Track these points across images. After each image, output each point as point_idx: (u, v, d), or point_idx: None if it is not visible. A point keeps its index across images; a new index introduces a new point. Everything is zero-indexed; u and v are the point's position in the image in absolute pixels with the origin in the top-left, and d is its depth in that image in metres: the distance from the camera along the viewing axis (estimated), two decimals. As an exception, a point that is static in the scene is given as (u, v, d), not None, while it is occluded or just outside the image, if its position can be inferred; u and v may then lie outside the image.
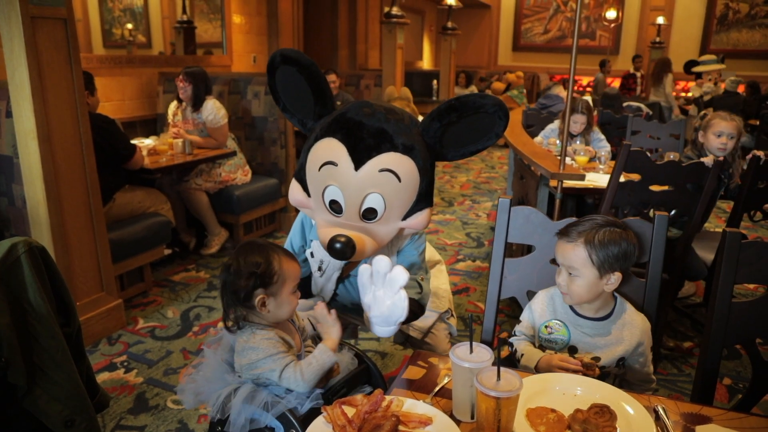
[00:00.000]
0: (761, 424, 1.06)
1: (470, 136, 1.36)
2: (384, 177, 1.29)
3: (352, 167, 1.28)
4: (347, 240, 1.29)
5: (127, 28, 4.61)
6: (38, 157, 2.20)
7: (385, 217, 1.34)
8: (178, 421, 2.02)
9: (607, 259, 1.25)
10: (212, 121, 3.53)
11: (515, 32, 10.45)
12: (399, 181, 1.30)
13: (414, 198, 1.36)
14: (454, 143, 1.38)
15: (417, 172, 1.33)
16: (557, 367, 1.24)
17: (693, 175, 2.27)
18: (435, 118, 1.33)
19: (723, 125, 2.59)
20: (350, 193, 1.31)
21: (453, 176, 6.31)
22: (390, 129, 1.30)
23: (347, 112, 1.33)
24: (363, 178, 1.29)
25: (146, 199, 3.10)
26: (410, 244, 1.53)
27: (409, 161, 1.31)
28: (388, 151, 1.29)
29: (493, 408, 0.92)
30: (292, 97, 1.40)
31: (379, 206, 1.32)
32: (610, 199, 2.31)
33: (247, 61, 5.36)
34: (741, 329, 1.31)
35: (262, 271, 1.21)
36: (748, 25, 9.19)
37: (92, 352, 2.46)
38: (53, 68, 2.21)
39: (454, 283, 3.30)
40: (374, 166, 1.28)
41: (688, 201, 2.31)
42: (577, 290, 1.28)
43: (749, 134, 6.36)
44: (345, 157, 1.28)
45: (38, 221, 2.29)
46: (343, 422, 0.95)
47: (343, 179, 1.30)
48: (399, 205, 1.35)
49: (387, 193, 1.31)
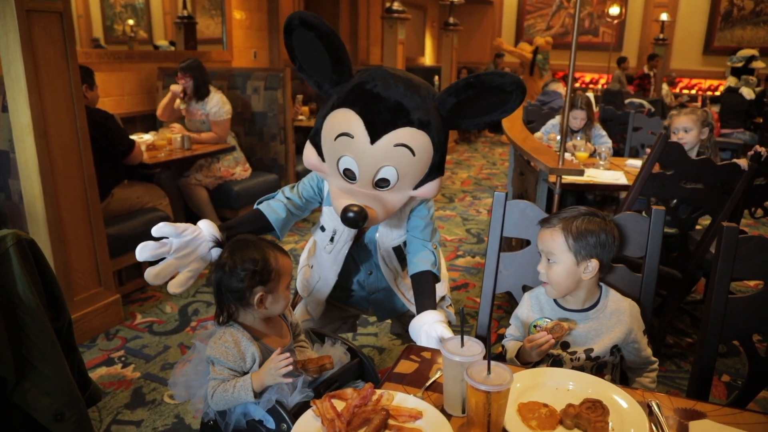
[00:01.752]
0: (755, 419, 1.05)
1: (485, 110, 1.37)
2: (399, 151, 1.31)
3: (368, 140, 1.30)
4: (360, 210, 1.32)
5: (129, 24, 4.60)
6: (34, 151, 2.20)
7: (397, 186, 1.37)
8: (175, 416, 2.02)
9: (584, 245, 1.25)
10: (216, 113, 3.53)
11: (518, 28, 10.41)
12: (413, 156, 1.32)
13: (426, 170, 1.38)
14: (468, 116, 1.39)
15: (431, 146, 1.35)
16: (531, 349, 1.24)
17: (726, 175, 2.24)
18: (452, 94, 1.33)
19: (677, 121, 2.59)
20: (365, 164, 1.33)
21: (454, 172, 6.30)
22: (407, 104, 1.31)
23: (365, 83, 1.33)
24: (378, 151, 1.31)
25: (145, 194, 3.10)
26: (420, 208, 1.55)
27: (424, 136, 1.32)
28: (404, 126, 1.30)
29: (483, 402, 0.91)
30: (309, 59, 1.38)
31: (392, 177, 1.35)
32: (639, 188, 2.27)
33: (248, 56, 5.35)
34: (737, 325, 1.30)
35: (260, 268, 1.20)
36: (752, 22, 9.13)
37: (90, 347, 2.46)
38: (49, 62, 2.20)
39: (453, 279, 3.29)
40: (390, 140, 1.30)
41: (716, 201, 2.28)
42: (556, 277, 1.28)
43: (752, 132, 6.33)
44: (361, 130, 1.30)
45: (35, 216, 2.29)
46: (332, 416, 0.94)
47: (358, 151, 1.32)
48: (411, 177, 1.38)
49: (401, 166, 1.34)
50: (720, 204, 2.27)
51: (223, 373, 1.18)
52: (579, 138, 3.54)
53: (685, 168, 2.25)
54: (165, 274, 1.34)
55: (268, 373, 1.15)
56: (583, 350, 1.29)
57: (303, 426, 0.95)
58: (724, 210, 2.26)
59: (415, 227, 1.56)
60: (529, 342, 1.24)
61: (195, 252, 1.37)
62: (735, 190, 2.24)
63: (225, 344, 1.20)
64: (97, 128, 2.66)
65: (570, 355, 1.30)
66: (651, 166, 2.25)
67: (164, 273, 1.34)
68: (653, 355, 1.38)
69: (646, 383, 1.37)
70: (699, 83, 9.39)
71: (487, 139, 8.78)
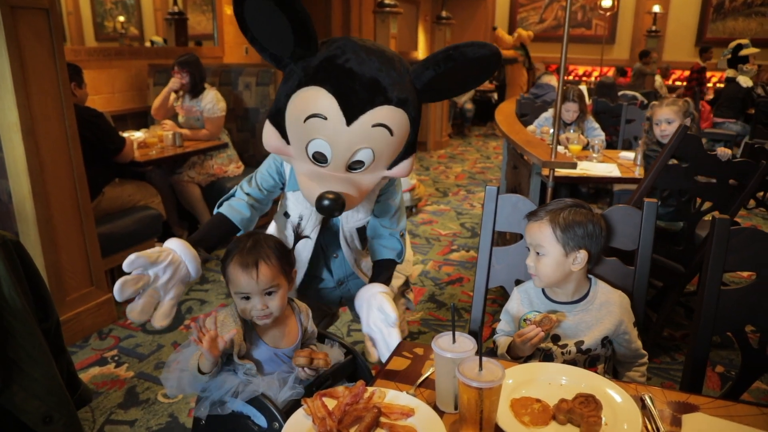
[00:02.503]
0: (747, 411, 1.05)
1: (462, 82, 1.32)
2: (377, 132, 1.24)
3: (343, 122, 1.21)
4: (337, 197, 1.24)
5: (119, 21, 4.56)
6: (23, 150, 2.17)
7: (371, 167, 1.31)
8: (169, 415, 2.01)
9: (572, 236, 1.25)
10: (210, 110, 3.51)
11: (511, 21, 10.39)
12: (391, 135, 1.26)
13: (402, 149, 1.32)
14: (444, 89, 1.33)
15: (408, 124, 1.29)
16: (521, 343, 1.23)
17: (740, 171, 2.24)
18: (430, 67, 1.26)
19: (659, 112, 2.58)
20: (339, 147, 1.25)
21: (448, 167, 6.29)
22: (384, 80, 1.22)
23: (336, 57, 1.23)
24: (355, 133, 1.22)
25: (136, 192, 3.08)
26: (390, 191, 1.51)
27: (402, 114, 1.26)
28: (381, 105, 1.22)
29: (475, 399, 0.90)
30: (265, 31, 1.24)
31: (367, 159, 1.28)
32: (653, 179, 2.26)
33: (239, 52, 5.31)
34: (730, 317, 1.30)
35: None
36: (744, 13, 9.15)
37: (83, 346, 2.45)
38: (36, 59, 2.17)
39: (448, 274, 3.29)
40: (368, 121, 1.22)
41: (727, 196, 2.27)
42: (544, 269, 1.27)
43: (744, 123, 6.35)
44: (336, 110, 1.20)
45: (24, 216, 2.27)
46: (323, 414, 0.94)
47: (332, 134, 1.23)
48: (387, 157, 1.31)
49: (378, 147, 1.26)
50: (730, 199, 2.27)
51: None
52: (572, 131, 3.54)
53: (701, 161, 2.24)
54: (148, 308, 1.27)
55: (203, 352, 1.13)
56: (574, 343, 1.29)
57: (294, 425, 0.94)
58: (736, 205, 2.26)
59: (384, 213, 1.52)
60: (519, 336, 1.24)
61: (174, 276, 1.30)
62: (748, 186, 2.23)
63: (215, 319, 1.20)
64: (87, 127, 2.63)
65: (561, 348, 1.29)
66: (668, 158, 2.23)
67: (147, 307, 1.27)
68: (647, 349, 1.38)
69: (635, 377, 1.36)
70: (691, 75, 9.39)
71: (481, 133, 8.77)
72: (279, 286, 1.21)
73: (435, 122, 7.01)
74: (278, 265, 1.20)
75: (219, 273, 3.16)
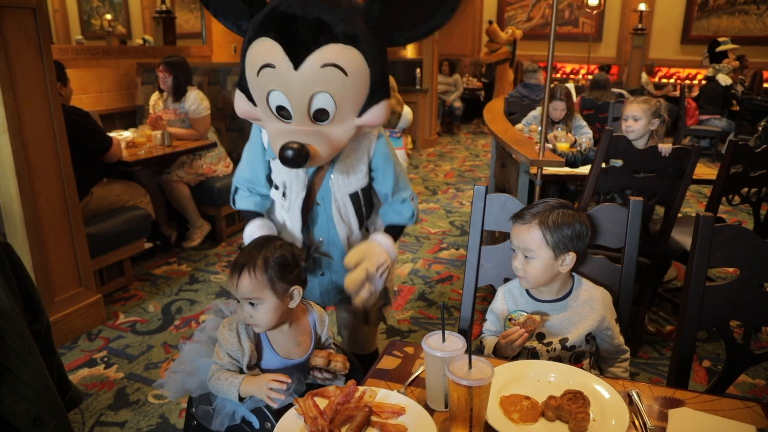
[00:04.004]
0: (732, 405, 1.07)
1: (417, 18, 1.26)
2: (328, 72, 1.19)
3: (290, 66, 1.18)
4: (299, 147, 1.20)
5: (106, 19, 4.53)
6: (10, 150, 2.16)
7: (338, 116, 1.26)
8: (159, 416, 2.01)
9: (562, 239, 1.26)
10: (195, 111, 3.49)
11: (498, 20, 10.39)
12: (346, 76, 1.20)
13: (367, 91, 1.26)
14: (399, 26, 1.27)
15: (365, 62, 1.22)
16: (506, 345, 1.24)
17: (675, 160, 2.28)
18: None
19: (628, 108, 2.61)
20: (294, 95, 1.21)
21: (437, 165, 6.31)
22: (327, 18, 1.18)
23: (278, 5, 1.22)
24: (305, 76, 1.19)
25: (125, 192, 3.06)
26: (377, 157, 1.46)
27: (353, 51, 1.20)
28: (327, 43, 1.18)
29: (465, 397, 0.91)
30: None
31: (329, 106, 1.23)
32: (593, 185, 2.32)
33: (228, 51, 5.29)
34: (715, 313, 1.32)
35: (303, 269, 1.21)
36: (728, 11, 9.24)
37: (72, 348, 2.44)
38: (23, 59, 2.15)
39: (437, 272, 3.31)
40: (315, 61, 1.18)
41: (670, 186, 2.32)
42: (534, 272, 1.27)
43: (729, 120, 6.43)
44: (281, 56, 1.18)
45: (12, 217, 2.25)
46: (315, 414, 0.94)
47: (283, 81, 1.20)
48: (351, 102, 1.26)
49: (335, 91, 1.22)
50: (674, 189, 2.32)
51: (224, 359, 1.20)
52: (560, 129, 3.56)
53: (633, 158, 2.30)
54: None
55: (258, 385, 1.14)
56: (558, 340, 1.31)
57: (286, 424, 0.95)
58: (679, 193, 2.32)
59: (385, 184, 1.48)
60: (503, 338, 1.25)
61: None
62: (686, 173, 2.28)
63: (230, 331, 1.20)
64: (74, 126, 2.61)
65: (546, 346, 1.31)
66: (600, 162, 2.29)
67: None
68: (634, 343, 1.40)
69: (618, 373, 1.38)
70: (677, 72, 9.49)
71: (470, 131, 8.80)
72: (261, 299, 1.16)
73: (424, 120, 7.02)
74: (264, 279, 1.15)
75: (209, 273, 3.18)
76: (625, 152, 2.30)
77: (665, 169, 2.30)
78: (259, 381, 1.14)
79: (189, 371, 1.27)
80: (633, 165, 2.32)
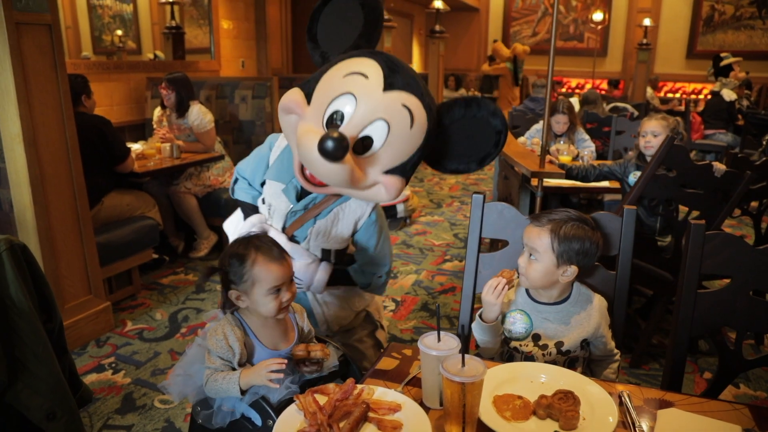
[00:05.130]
0: (721, 407, 1.10)
1: (469, 148, 1.40)
2: (402, 112, 1.29)
3: (381, 86, 1.27)
4: (341, 137, 1.20)
5: (117, 35, 4.63)
6: (24, 161, 2.23)
7: (374, 157, 1.32)
8: (165, 420, 2.05)
9: (567, 251, 1.29)
10: (199, 125, 3.56)
11: (504, 35, 10.52)
12: (410, 125, 1.30)
13: (404, 159, 1.36)
14: (450, 148, 1.41)
15: (423, 134, 1.34)
16: (487, 297, 1.32)
17: (726, 182, 2.29)
18: (461, 105, 1.37)
19: (646, 125, 2.61)
20: (365, 107, 1.28)
21: (442, 178, 6.36)
22: (422, 86, 1.33)
23: (389, 55, 1.36)
24: (385, 100, 1.28)
25: (134, 202, 3.12)
26: (364, 231, 1.55)
27: (425, 118, 1.32)
28: (415, 95, 1.30)
29: (458, 393, 0.95)
30: (334, 29, 1.39)
31: (378, 139, 1.30)
32: (641, 188, 2.31)
33: (236, 66, 5.39)
34: (707, 319, 1.35)
35: (232, 270, 1.25)
36: (733, 26, 9.31)
37: (81, 354, 2.49)
38: (38, 73, 2.23)
39: (441, 283, 3.34)
40: (401, 97, 1.28)
41: (713, 206, 2.32)
42: (534, 274, 1.32)
43: (735, 135, 6.45)
44: (379, 75, 1.28)
45: (25, 225, 2.32)
46: (314, 409, 0.98)
47: (366, 91, 1.28)
48: (392, 152, 1.33)
49: (393, 130, 1.29)
50: (716, 209, 2.32)
51: (216, 362, 1.25)
52: (562, 142, 3.61)
53: (687, 171, 2.30)
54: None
55: (256, 374, 1.19)
56: (554, 344, 1.34)
57: (286, 419, 0.99)
58: (721, 215, 2.31)
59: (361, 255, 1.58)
60: (485, 295, 1.32)
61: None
62: (733, 196, 2.28)
63: (216, 337, 1.26)
64: (96, 133, 2.71)
65: (542, 349, 1.34)
66: (656, 167, 2.28)
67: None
68: (636, 356, 1.43)
69: (608, 374, 1.42)
70: (683, 87, 9.54)
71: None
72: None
73: (429, 134, 7.08)
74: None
75: (215, 282, 3.22)
76: (681, 163, 2.30)
77: (713, 188, 2.31)
78: (256, 369, 1.20)
79: (189, 374, 1.31)
80: (684, 178, 2.32)
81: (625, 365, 2.48)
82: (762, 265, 1.30)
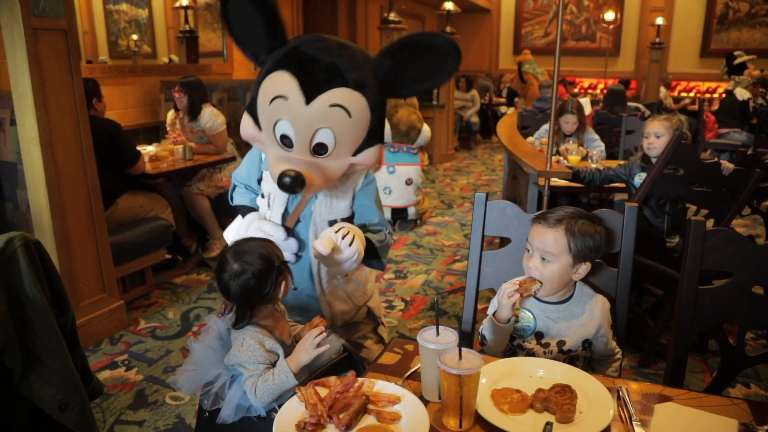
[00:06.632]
0: (719, 402, 1.11)
1: (422, 74, 1.40)
2: (334, 112, 1.33)
3: (303, 101, 1.31)
4: (296, 174, 1.31)
5: (133, 39, 4.72)
6: (41, 162, 2.29)
7: (335, 152, 1.38)
8: (176, 416, 2.09)
9: (584, 248, 1.29)
10: (211, 128, 3.62)
11: (515, 36, 10.51)
12: (349, 117, 1.34)
13: (364, 134, 1.40)
14: (406, 81, 1.41)
15: (368, 108, 1.37)
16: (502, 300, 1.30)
17: (734, 180, 2.29)
18: (387, 55, 1.37)
19: (650, 126, 2.59)
20: (300, 127, 1.34)
21: (453, 179, 6.37)
22: (342, 64, 1.33)
23: (300, 45, 1.36)
24: (313, 112, 1.32)
25: (148, 203, 3.18)
26: (362, 193, 1.56)
27: (360, 97, 1.34)
28: (339, 87, 1.32)
29: (455, 385, 0.97)
30: (244, 28, 1.41)
31: (329, 141, 1.36)
32: (649, 187, 2.32)
33: (248, 68, 5.44)
34: (708, 315, 1.35)
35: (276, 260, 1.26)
36: (748, 24, 9.19)
37: (94, 351, 2.54)
38: (55, 77, 2.29)
39: (450, 283, 3.36)
40: (325, 100, 1.32)
41: (721, 204, 2.32)
42: (551, 276, 1.30)
43: (749, 133, 6.39)
44: (296, 91, 1.31)
45: (41, 225, 2.38)
46: (315, 401, 1.01)
47: (293, 113, 1.33)
48: (349, 141, 1.39)
49: (337, 129, 1.35)
50: (725, 207, 2.32)
51: (258, 368, 1.23)
52: (571, 142, 3.61)
53: (695, 169, 2.30)
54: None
55: (303, 350, 1.23)
56: (556, 342, 1.35)
57: (288, 410, 1.02)
58: (730, 213, 2.31)
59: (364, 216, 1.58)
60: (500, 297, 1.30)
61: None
62: (741, 195, 2.28)
63: (250, 348, 1.24)
64: (106, 136, 2.77)
65: (544, 348, 1.36)
66: (663, 165, 2.28)
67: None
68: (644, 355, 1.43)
69: (610, 372, 1.42)
70: (697, 86, 9.44)
71: (487, 146, 8.85)
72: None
73: (441, 135, 7.11)
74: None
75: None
76: (689, 161, 2.30)
77: (721, 187, 2.31)
78: (299, 350, 1.24)
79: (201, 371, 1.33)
80: (692, 176, 2.32)
81: (634, 364, 2.48)
82: (763, 261, 1.30)
